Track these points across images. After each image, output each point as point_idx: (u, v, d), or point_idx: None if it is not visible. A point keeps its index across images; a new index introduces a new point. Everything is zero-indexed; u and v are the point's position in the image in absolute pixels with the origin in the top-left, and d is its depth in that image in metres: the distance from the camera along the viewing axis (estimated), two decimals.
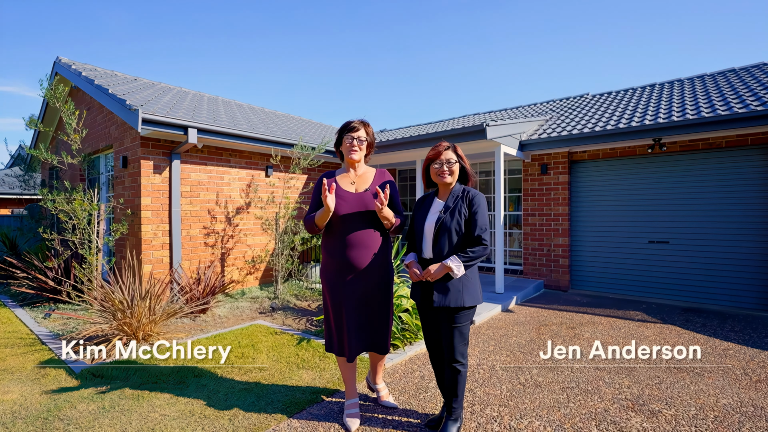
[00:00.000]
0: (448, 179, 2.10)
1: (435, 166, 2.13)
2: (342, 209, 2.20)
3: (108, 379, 2.87)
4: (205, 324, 4.46)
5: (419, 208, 2.25)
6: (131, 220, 5.19)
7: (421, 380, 2.96)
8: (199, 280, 4.87)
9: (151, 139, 5.09)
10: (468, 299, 2.00)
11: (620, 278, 6.09)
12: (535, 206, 6.78)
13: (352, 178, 2.34)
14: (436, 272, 1.98)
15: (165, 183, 5.24)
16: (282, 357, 3.29)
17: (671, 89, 7.21)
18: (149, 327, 3.71)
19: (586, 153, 6.34)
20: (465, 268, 1.96)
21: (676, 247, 5.64)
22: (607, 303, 5.55)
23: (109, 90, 5.13)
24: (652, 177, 5.84)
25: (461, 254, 1.96)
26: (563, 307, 5.32)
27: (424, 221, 2.14)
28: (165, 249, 5.25)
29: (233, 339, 3.75)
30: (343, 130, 2.34)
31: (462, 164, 2.15)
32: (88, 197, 4.98)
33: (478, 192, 2.10)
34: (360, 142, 2.30)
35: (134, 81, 7.26)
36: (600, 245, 6.28)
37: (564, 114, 7.73)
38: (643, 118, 5.65)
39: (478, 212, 2.01)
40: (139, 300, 3.68)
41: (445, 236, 2.02)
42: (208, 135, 5.24)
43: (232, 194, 6.04)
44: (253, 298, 5.66)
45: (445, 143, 2.16)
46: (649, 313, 4.98)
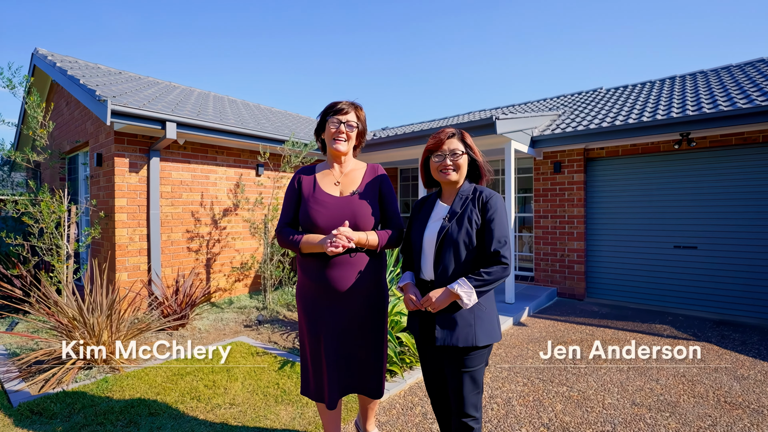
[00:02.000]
0: (452, 176, 1.61)
1: (435, 159, 1.64)
2: (321, 218, 1.71)
3: (47, 417, 2.40)
4: (182, 340, 3.99)
5: (417, 214, 1.74)
6: (105, 224, 4.73)
7: (423, 419, 2.46)
8: (177, 289, 4.40)
9: (126, 134, 4.63)
10: (482, 336, 1.50)
11: (641, 287, 5.56)
12: (547, 207, 6.26)
13: (336, 176, 1.84)
14: (440, 300, 1.48)
15: (143, 183, 4.78)
16: (259, 387, 2.80)
17: (694, 81, 6.66)
18: (112, 346, 3.24)
19: (604, 150, 5.81)
20: (478, 295, 1.46)
21: (705, 253, 5.10)
22: (628, 314, 5.02)
23: (80, 80, 4.68)
24: (678, 176, 5.30)
25: (473, 277, 1.46)
26: (581, 320, 4.80)
27: (423, 231, 1.64)
28: (143, 255, 4.78)
29: (208, 361, 3.27)
30: (327, 111, 1.82)
31: (472, 156, 1.65)
32: (57, 198, 4.52)
33: (495, 193, 1.58)
34: (349, 128, 1.79)
35: (118, 74, 6.81)
36: (619, 250, 5.75)
37: (577, 109, 7.20)
38: (668, 111, 5.12)
39: (495, 219, 1.51)
40: (99, 315, 3.21)
41: (450, 252, 1.52)
42: (189, 130, 4.77)
43: (218, 195, 5.57)
44: (240, 308, 5.19)
45: (448, 129, 1.65)
46: (678, 327, 4.45)
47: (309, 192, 1.78)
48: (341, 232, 1.61)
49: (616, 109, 6.23)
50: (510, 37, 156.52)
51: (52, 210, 4.36)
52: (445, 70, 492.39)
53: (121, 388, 2.75)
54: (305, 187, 1.80)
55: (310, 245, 1.68)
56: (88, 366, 3.14)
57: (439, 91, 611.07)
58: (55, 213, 4.40)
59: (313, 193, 1.77)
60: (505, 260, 1.46)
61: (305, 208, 1.74)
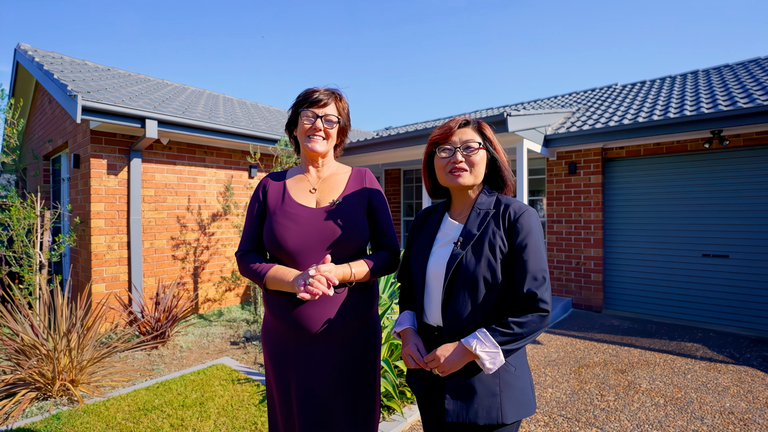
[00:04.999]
0: (464, 178, 1.16)
1: (442, 155, 1.19)
2: (291, 237, 1.29)
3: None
4: (160, 360, 3.60)
5: (418, 233, 1.31)
6: (82, 230, 4.36)
7: None
8: (157, 302, 4.01)
9: (104, 133, 4.25)
10: (511, 410, 1.07)
11: (665, 298, 5.09)
12: (561, 212, 5.81)
13: (312, 182, 1.42)
14: (451, 361, 1.05)
15: (123, 186, 4.40)
16: (236, 427, 2.39)
17: (720, 75, 6.18)
18: (73, 373, 2.85)
19: (624, 149, 5.35)
20: (505, 355, 1.03)
21: (738, 263, 4.63)
22: (652, 330, 4.56)
23: (54, 75, 4.31)
24: (707, 177, 4.83)
25: (498, 329, 1.03)
26: (600, 336, 4.36)
27: (427, 260, 1.20)
28: (122, 264, 4.40)
29: (180, 391, 2.87)
30: (300, 103, 1.39)
31: (492, 153, 1.21)
32: (29, 203, 4.16)
33: (526, 206, 1.13)
34: (328, 123, 1.36)
35: (106, 71, 6.45)
36: (640, 258, 5.29)
37: (593, 106, 6.74)
38: (697, 107, 4.65)
39: (529, 246, 1.07)
40: (59, 337, 2.82)
41: (465, 291, 1.09)
42: (173, 128, 4.38)
43: (207, 198, 5.18)
44: (229, 321, 4.80)
45: (460, 117, 1.21)
46: (711, 346, 3.99)
47: (276, 202, 1.36)
48: (320, 273, 1.17)
49: (636, 105, 5.76)
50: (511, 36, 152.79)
51: (22, 216, 4.00)
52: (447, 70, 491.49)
53: (73, 428, 2.35)
54: (272, 197, 1.38)
55: (278, 282, 1.25)
56: (45, 397, 2.75)
57: (441, 91, 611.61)
58: (26, 219, 4.04)
59: (281, 203, 1.35)
60: (544, 305, 1.03)
61: (270, 223, 1.32)
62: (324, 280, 1.15)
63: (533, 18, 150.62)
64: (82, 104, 3.61)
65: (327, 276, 1.16)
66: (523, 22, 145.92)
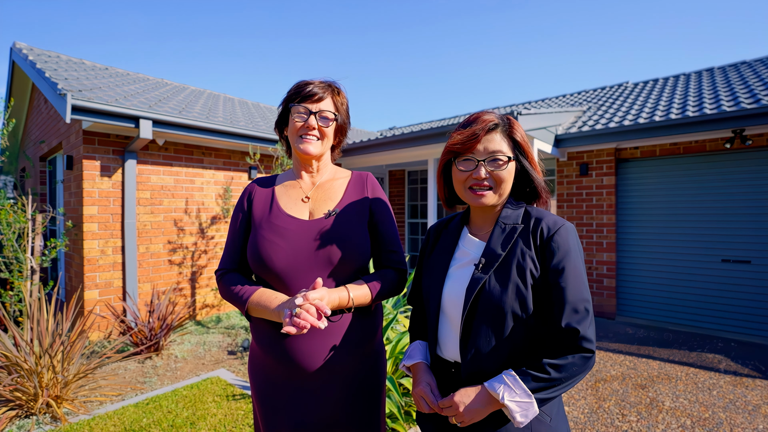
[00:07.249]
0: (489, 199, 0.96)
1: (461, 167, 0.97)
2: (279, 256, 1.08)
3: None
4: (153, 372, 3.43)
5: (432, 250, 1.11)
6: (74, 234, 4.21)
7: None
8: (151, 310, 3.84)
9: (97, 134, 4.09)
10: None
11: (682, 306, 4.86)
12: (572, 214, 5.59)
13: (305, 189, 1.22)
14: (473, 410, 0.85)
15: (117, 188, 4.24)
16: None
17: (738, 72, 5.94)
18: (57, 389, 2.68)
19: (639, 150, 5.13)
20: (539, 404, 0.84)
21: (760, 268, 4.39)
22: (669, 339, 4.34)
23: (45, 73, 4.16)
24: (728, 179, 4.60)
25: (531, 373, 0.84)
26: (615, 346, 4.14)
27: (443, 283, 1.00)
28: (116, 269, 4.24)
29: (171, 409, 2.69)
30: (291, 97, 1.18)
31: (523, 164, 1.00)
32: (19, 206, 4.01)
33: (562, 221, 0.93)
34: (323, 121, 1.16)
35: (104, 70, 6.31)
36: (655, 263, 5.06)
37: (604, 105, 6.51)
38: (717, 105, 4.43)
39: (567, 270, 0.87)
40: (42, 351, 2.65)
41: (488, 325, 0.89)
42: (168, 128, 4.22)
43: (205, 201, 5.02)
44: (227, 329, 4.62)
45: (487, 116, 0.97)
46: (734, 358, 3.77)
47: (262, 213, 1.16)
48: (309, 301, 0.95)
49: (650, 104, 5.54)
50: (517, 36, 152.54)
51: (12, 220, 3.85)
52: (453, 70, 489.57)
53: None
54: (257, 206, 1.18)
55: (261, 310, 1.06)
56: (26, 414, 2.58)
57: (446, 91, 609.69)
58: (16, 222, 3.89)
59: (268, 215, 1.15)
60: (588, 344, 0.83)
61: (255, 238, 1.13)
62: (314, 310, 0.95)
63: (535, 18, 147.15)
64: (72, 103, 3.45)
65: (317, 305, 0.95)
66: (525, 22, 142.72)
